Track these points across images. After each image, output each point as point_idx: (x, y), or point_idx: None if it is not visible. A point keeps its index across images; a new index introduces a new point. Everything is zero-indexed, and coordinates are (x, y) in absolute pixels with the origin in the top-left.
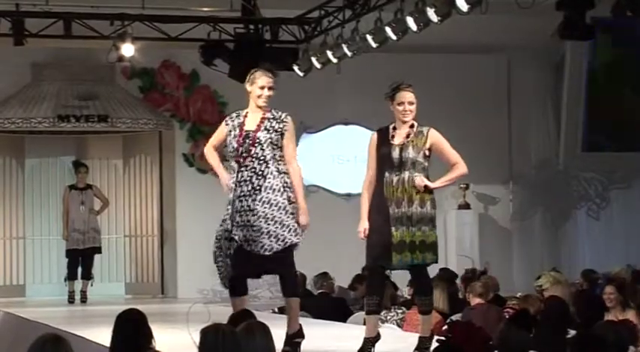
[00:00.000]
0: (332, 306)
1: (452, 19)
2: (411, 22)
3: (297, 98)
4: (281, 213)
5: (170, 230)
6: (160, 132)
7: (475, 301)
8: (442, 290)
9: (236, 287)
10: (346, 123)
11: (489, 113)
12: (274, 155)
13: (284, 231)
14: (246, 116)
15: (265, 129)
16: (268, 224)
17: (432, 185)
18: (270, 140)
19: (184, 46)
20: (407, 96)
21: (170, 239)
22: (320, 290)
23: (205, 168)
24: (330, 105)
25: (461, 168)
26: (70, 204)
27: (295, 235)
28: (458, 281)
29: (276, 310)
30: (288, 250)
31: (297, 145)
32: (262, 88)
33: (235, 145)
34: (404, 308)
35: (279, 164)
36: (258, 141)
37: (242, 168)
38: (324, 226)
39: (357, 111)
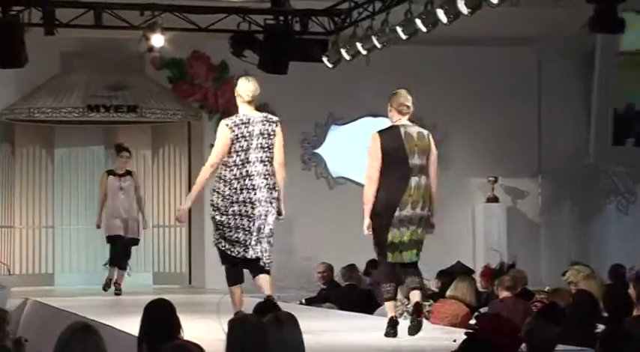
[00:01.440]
0: (359, 298)
1: (482, 10)
2: (441, 14)
3: (326, 90)
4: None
5: (198, 220)
6: (188, 123)
7: (503, 294)
8: (469, 283)
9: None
10: (375, 115)
11: (518, 106)
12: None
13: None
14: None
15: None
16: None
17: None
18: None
19: (214, 37)
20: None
21: (198, 229)
22: (347, 282)
23: None
24: (359, 97)
25: None
26: (108, 190)
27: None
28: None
29: (304, 301)
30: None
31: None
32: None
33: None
34: (431, 301)
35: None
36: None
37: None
38: (351, 218)
39: (385, 104)
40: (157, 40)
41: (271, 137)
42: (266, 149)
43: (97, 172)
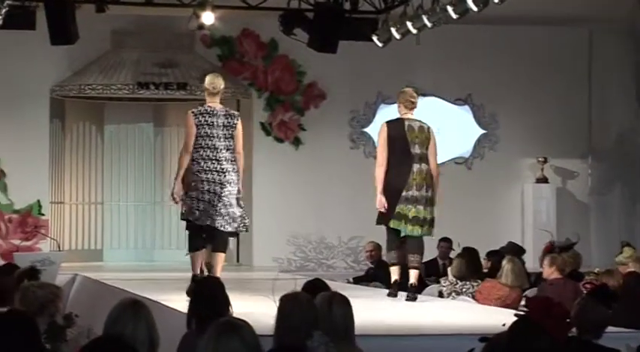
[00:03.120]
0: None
1: None
2: None
3: (376, 69)
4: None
5: (246, 198)
6: (237, 101)
7: (552, 275)
8: (518, 265)
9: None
10: (424, 95)
11: (569, 86)
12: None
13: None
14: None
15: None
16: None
17: None
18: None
19: (264, 15)
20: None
21: (246, 207)
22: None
23: (282, 138)
24: (409, 77)
25: None
26: None
27: None
28: (528, 255)
29: (351, 280)
30: None
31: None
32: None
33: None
34: (479, 281)
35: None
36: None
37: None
38: None
39: (435, 83)
40: (207, 17)
41: (233, 129)
42: (229, 138)
43: (146, 149)
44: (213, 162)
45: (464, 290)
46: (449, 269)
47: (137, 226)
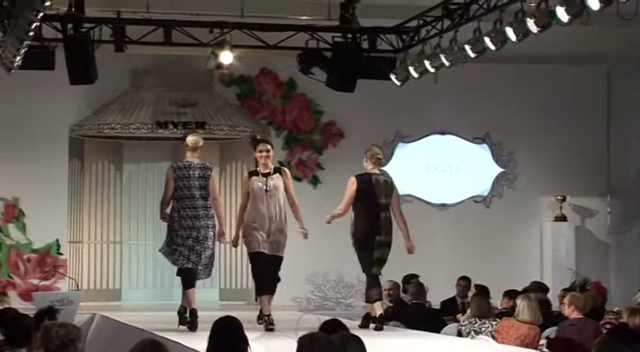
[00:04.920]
0: (426, 317)
1: (551, 29)
2: (510, 32)
3: (394, 107)
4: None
5: None
6: None
7: (573, 314)
8: (531, 301)
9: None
10: (442, 133)
11: (588, 124)
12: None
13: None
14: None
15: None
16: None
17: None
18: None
19: (282, 54)
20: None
21: None
22: (414, 301)
23: (301, 177)
24: (427, 115)
25: None
26: None
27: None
28: (550, 294)
29: None
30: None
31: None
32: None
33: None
34: (498, 320)
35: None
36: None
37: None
38: (418, 236)
39: (453, 121)
40: (226, 57)
41: (207, 179)
42: (204, 188)
43: None
44: (191, 209)
45: (482, 329)
46: (468, 308)
47: (156, 265)
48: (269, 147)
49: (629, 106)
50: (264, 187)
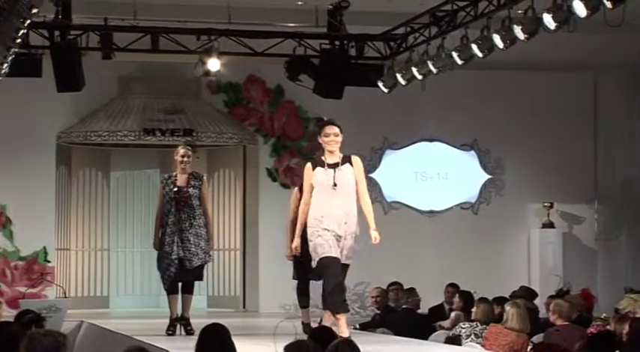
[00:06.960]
0: (416, 323)
1: (538, 36)
2: (497, 39)
3: (382, 114)
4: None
5: (252, 244)
6: (244, 147)
7: (558, 321)
8: (520, 308)
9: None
10: (430, 140)
11: (575, 131)
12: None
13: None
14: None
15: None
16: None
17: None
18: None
19: (270, 61)
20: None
21: (252, 253)
22: (405, 306)
23: (289, 184)
24: (414, 122)
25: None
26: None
27: (208, 256)
28: (538, 300)
29: (357, 326)
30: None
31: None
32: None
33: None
34: (485, 326)
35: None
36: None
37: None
38: (406, 242)
39: (441, 128)
40: (213, 64)
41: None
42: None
43: (153, 196)
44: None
45: (483, 334)
46: (472, 311)
47: (143, 272)
48: (337, 130)
49: (615, 113)
50: (331, 181)
